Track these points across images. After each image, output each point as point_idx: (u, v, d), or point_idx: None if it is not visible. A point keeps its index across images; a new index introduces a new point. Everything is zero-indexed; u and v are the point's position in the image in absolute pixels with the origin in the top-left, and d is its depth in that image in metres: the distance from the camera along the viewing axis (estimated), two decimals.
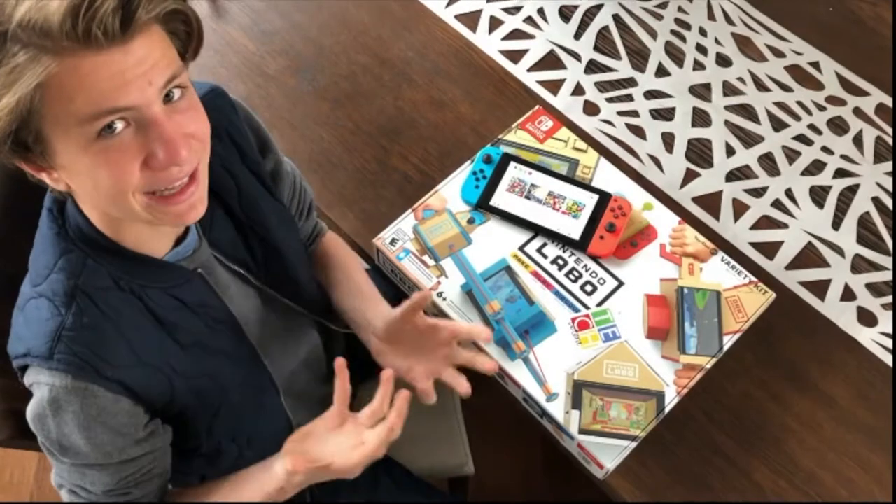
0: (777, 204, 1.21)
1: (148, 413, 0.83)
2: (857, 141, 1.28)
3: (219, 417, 0.90)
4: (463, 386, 0.94)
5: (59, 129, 0.67)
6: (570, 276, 1.08)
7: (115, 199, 0.72)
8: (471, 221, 1.12)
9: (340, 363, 0.88)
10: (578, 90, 1.32)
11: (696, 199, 1.21)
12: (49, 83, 0.64)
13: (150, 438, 0.84)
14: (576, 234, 1.10)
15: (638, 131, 1.28)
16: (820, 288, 1.15)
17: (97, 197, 0.73)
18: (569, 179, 1.14)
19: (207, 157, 0.76)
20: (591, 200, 1.12)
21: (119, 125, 0.67)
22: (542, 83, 1.32)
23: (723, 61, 1.35)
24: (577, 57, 1.35)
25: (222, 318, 0.89)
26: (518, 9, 1.40)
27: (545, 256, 1.09)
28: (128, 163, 0.69)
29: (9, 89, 0.64)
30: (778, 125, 1.29)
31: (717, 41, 1.38)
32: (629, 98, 1.31)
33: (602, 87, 1.32)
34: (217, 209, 0.90)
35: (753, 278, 1.08)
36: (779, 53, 1.36)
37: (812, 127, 1.29)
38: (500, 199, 1.13)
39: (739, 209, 1.21)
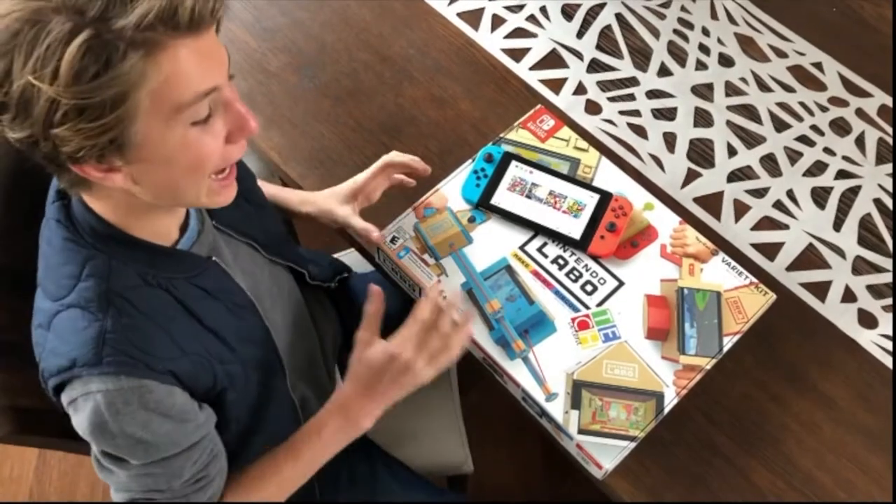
0: (778, 205, 1.21)
1: (196, 400, 0.84)
2: (860, 142, 1.27)
3: (243, 399, 0.91)
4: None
5: (158, 122, 0.68)
6: (571, 276, 1.08)
7: (190, 183, 0.75)
8: (471, 220, 1.12)
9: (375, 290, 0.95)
10: (580, 89, 1.32)
11: (698, 200, 1.21)
12: (158, 80, 0.66)
13: (207, 421, 0.85)
14: (576, 233, 1.10)
15: (639, 131, 1.27)
16: (820, 289, 1.15)
17: (166, 185, 0.74)
18: (570, 179, 1.14)
19: None
20: (591, 200, 1.12)
21: (206, 109, 0.71)
22: (543, 82, 1.32)
23: (725, 61, 1.35)
24: (579, 56, 1.35)
25: (242, 302, 0.91)
26: (520, 7, 1.40)
27: (545, 256, 1.09)
28: (216, 142, 0.73)
29: (128, 94, 0.65)
30: (780, 126, 1.28)
31: (719, 41, 1.37)
32: (631, 97, 1.31)
33: (604, 86, 1.32)
34: None
35: (754, 279, 1.08)
36: (781, 54, 1.36)
37: (814, 128, 1.29)
38: (501, 197, 1.12)
39: (740, 210, 1.20)
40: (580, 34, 1.37)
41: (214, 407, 0.88)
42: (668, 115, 1.29)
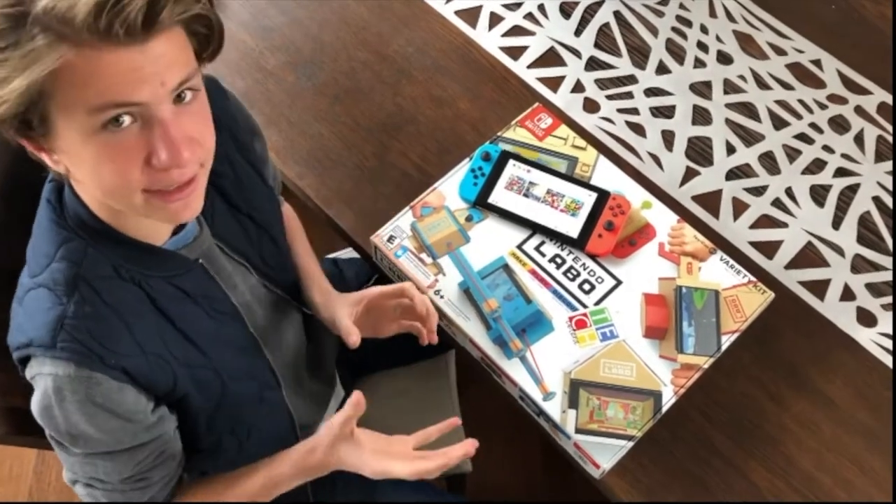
0: (777, 203, 1.21)
1: (152, 401, 0.83)
2: (859, 140, 1.27)
3: (220, 409, 0.90)
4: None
5: (66, 114, 0.67)
6: (568, 275, 1.07)
7: (115, 192, 0.72)
8: (469, 219, 1.12)
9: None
10: (578, 87, 1.31)
11: (696, 198, 1.21)
12: (63, 70, 0.64)
13: (159, 423, 0.84)
14: (574, 232, 1.09)
15: (638, 129, 1.27)
16: (819, 288, 1.14)
17: (96, 186, 0.74)
18: (567, 177, 1.14)
19: (210, 162, 0.76)
20: (589, 199, 1.12)
21: (126, 119, 0.67)
22: (542, 80, 1.32)
23: (724, 59, 1.35)
24: (577, 54, 1.35)
25: (225, 309, 0.90)
26: (518, 5, 1.40)
27: (543, 255, 1.09)
28: (130, 159, 0.69)
29: (22, 72, 0.64)
30: (779, 123, 1.28)
31: (718, 39, 1.37)
32: (629, 95, 1.30)
33: (602, 84, 1.32)
34: (217, 199, 0.90)
35: (752, 278, 1.08)
36: (780, 51, 1.36)
37: (813, 125, 1.28)
38: (499, 196, 1.12)
39: (739, 208, 1.20)
40: (578, 32, 1.37)
41: (179, 412, 0.87)
42: (666, 113, 1.29)
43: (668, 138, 1.26)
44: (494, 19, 1.38)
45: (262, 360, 0.95)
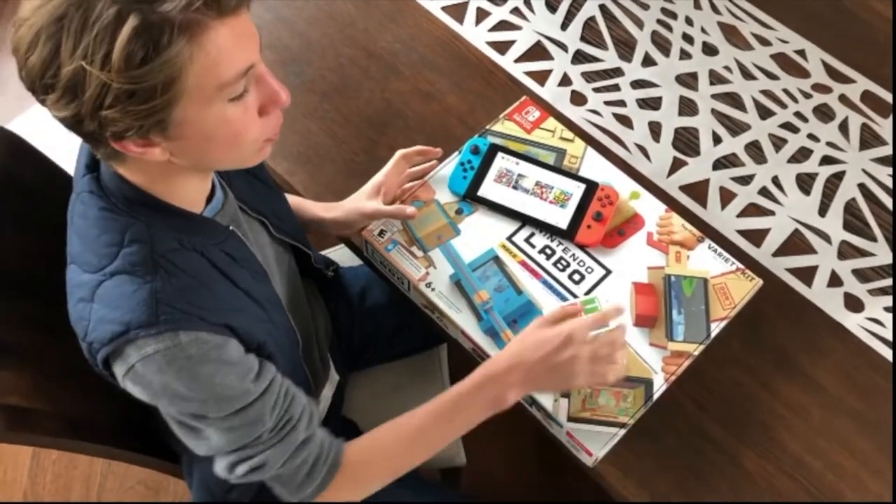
0: (764, 191, 1.22)
1: (251, 353, 0.84)
2: (843, 128, 1.28)
3: (277, 364, 0.90)
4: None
5: (200, 101, 0.70)
6: (558, 266, 1.08)
7: (241, 150, 0.77)
8: (459, 212, 1.12)
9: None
10: (565, 80, 1.32)
11: (683, 188, 1.22)
12: (204, 62, 0.67)
13: (265, 367, 0.84)
14: (563, 223, 1.10)
15: (625, 121, 1.28)
16: (807, 274, 1.15)
17: (204, 157, 0.77)
18: (556, 169, 1.15)
19: None
20: (578, 190, 1.12)
21: (242, 86, 0.72)
22: (529, 74, 1.33)
23: (709, 50, 1.36)
24: (563, 47, 1.36)
25: (258, 269, 0.91)
26: (504, 0, 1.41)
27: (533, 246, 1.10)
28: (253, 117, 0.75)
29: (177, 78, 0.66)
30: (764, 113, 1.29)
31: (703, 30, 1.38)
32: (616, 88, 1.31)
33: (589, 77, 1.33)
34: None
35: (740, 265, 1.09)
36: (765, 42, 1.37)
37: (798, 114, 1.29)
38: (488, 189, 1.13)
39: (726, 197, 1.21)
40: (564, 26, 1.38)
41: None
42: (652, 104, 1.30)
43: (654, 129, 1.27)
44: (481, 14, 1.39)
45: (287, 320, 0.97)
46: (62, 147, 1.12)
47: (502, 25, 1.38)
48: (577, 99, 1.30)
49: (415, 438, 0.94)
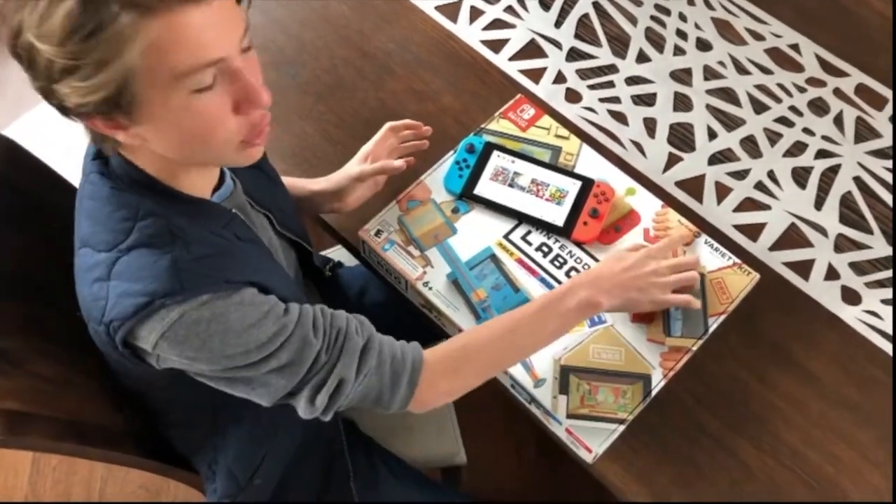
0: (759, 186, 1.22)
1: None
2: (838, 121, 1.28)
3: None
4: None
5: (155, 86, 0.69)
6: (555, 263, 1.08)
7: (210, 147, 0.75)
8: (455, 211, 1.13)
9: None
10: (560, 78, 1.32)
11: (679, 184, 1.22)
12: (153, 43, 0.66)
13: (292, 303, 0.83)
14: (559, 220, 1.10)
15: (620, 117, 1.28)
16: (804, 268, 1.16)
17: (185, 146, 0.75)
18: (551, 167, 1.15)
19: None
20: (574, 187, 1.13)
21: (210, 78, 0.70)
22: (523, 72, 1.33)
23: (703, 46, 1.36)
24: (557, 45, 1.36)
25: (267, 252, 0.92)
26: None
27: (530, 244, 1.10)
28: (222, 114, 0.73)
29: (116, 53, 0.65)
30: (759, 108, 1.29)
31: (696, 26, 1.38)
32: (610, 85, 1.32)
33: (583, 74, 1.33)
34: None
35: (737, 260, 1.09)
36: (758, 36, 1.37)
37: (793, 109, 1.29)
38: (484, 187, 1.13)
39: (722, 192, 1.21)
40: (558, 23, 1.38)
41: None
42: (647, 100, 1.30)
43: (650, 125, 1.27)
44: (475, 13, 1.39)
45: (301, 297, 0.96)
46: (59, 151, 1.13)
47: (496, 24, 1.38)
48: (572, 96, 1.30)
49: (507, 338, 0.93)
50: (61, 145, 0.87)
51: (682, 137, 1.26)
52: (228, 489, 1.03)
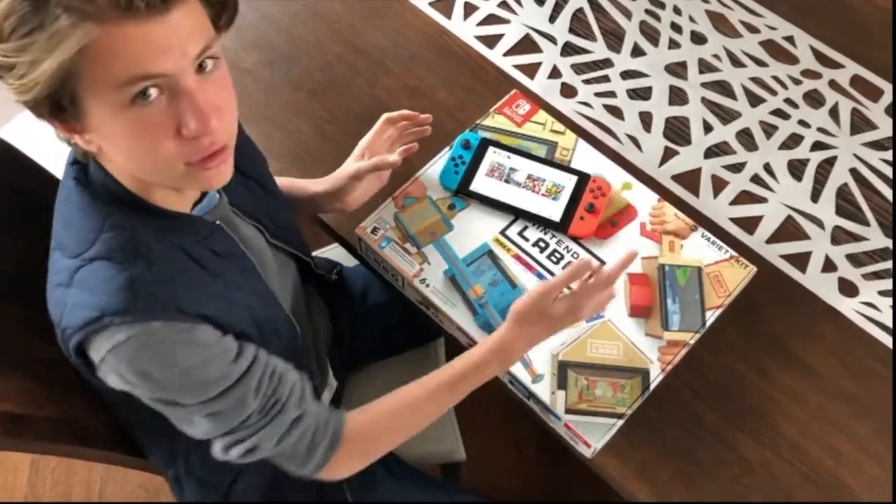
0: (756, 179, 1.22)
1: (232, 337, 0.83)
2: (833, 113, 1.28)
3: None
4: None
5: (94, 92, 0.68)
6: (552, 258, 1.08)
7: (153, 165, 0.73)
8: (451, 207, 1.12)
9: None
10: (555, 73, 1.32)
11: (676, 178, 1.22)
12: (89, 48, 0.65)
13: (246, 348, 0.83)
14: (556, 215, 1.10)
15: (615, 112, 1.28)
16: (801, 260, 1.15)
17: (131, 161, 0.74)
18: (547, 162, 1.15)
19: (236, 130, 0.77)
20: (570, 182, 1.12)
21: (153, 93, 0.68)
22: (518, 67, 1.32)
23: (698, 39, 1.36)
24: (552, 40, 1.35)
25: (247, 265, 0.91)
26: None
27: (526, 239, 1.10)
28: (161, 132, 0.70)
29: (50, 53, 0.64)
30: (754, 100, 1.29)
31: (691, 19, 1.38)
32: (606, 79, 1.31)
33: (578, 69, 1.32)
34: None
35: (734, 253, 1.09)
36: (753, 29, 1.37)
37: (788, 101, 1.29)
38: (480, 184, 1.13)
39: (718, 185, 1.21)
40: (552, 18, 1.38)
41: None
42: (643, 94, 1.30)
43: (645, 120, 1.27)
44: (469, 9, 1.39)
45: (283, 313, 0.96)
46: (51, 153, 1.12)
47: (490, 19, 1.38)
48: (568, 91, 1.30)
49: (419, 409, 0.94)
50: (53, 148, 0.87)
51: (677, 131, 1.26)
52: (203, 497, 1.03)
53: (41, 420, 0.89)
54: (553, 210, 1.10)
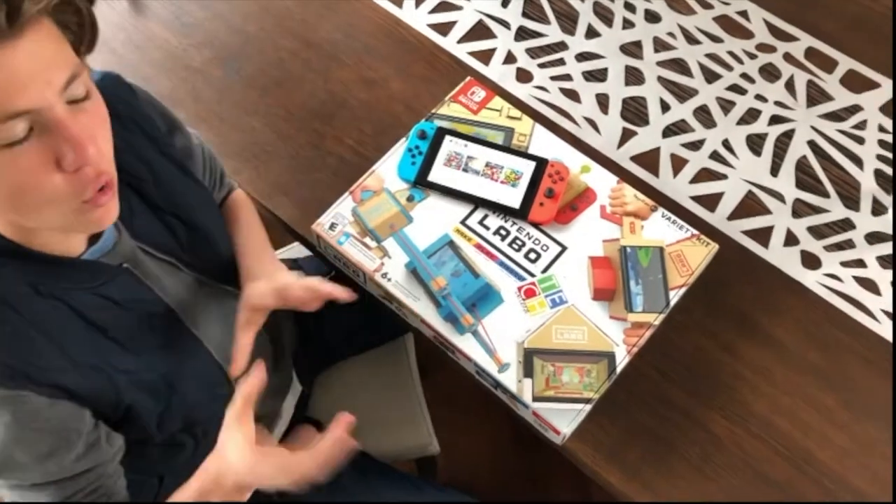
0: (715, 155, 1.22)
1: (94, 417, 0.79)
2: (790, 86, 1.28)
3: (170, 410, 0.86)
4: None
5: None
6: (514, 246, 1.07)
7: (43, 205, 0.68)
8: (410, 199, 1.11)
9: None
10: (510, 58, 1.30)
11: (635, 158, 1.21)
12: None
13: (92, 452, 0.80)
14: (515, 202, 1.09)
15: (572, 95, 1.27)
16: (763, 235, 1.15)
17: (14, 206, 0.69)
18: (505, 148, 1.13)
19: (113, 161, 0.73)
20: (528, 168, 1.11)
21: (22, 131, 0.64)
22: (472, 54, 1.31)
23: (652, 17, 1.35)
24: (506, 25, 1.34)
25: (158, 311, 0.87)
26: None
27: (487, 228, 1.08)
28: (41, 170, 0.66)
29: None
30: (711, 77, 1.29)
31: None
32: (561, 62, 1.30)
33: (533, 53, 1.31)
34: (134, 199, 0.87)
35: (695, 231, 1.09)
36: (707, 5, 1.36)
37: (744, 76, 1.29)
38: (438, 174, 1.11)
39: (678, 164, 1.21)
40: (505, 3, 1.36)
41: (127, 422, 0.83)
42: (599, 76, 1.29)
43: (602, 101, 1.26)
44: None
45: (207, 358, 0.92)
46: None
47: (443, 7, 1.36)
48: (523, 76, 1.29)
49: None
50: None
51: (635, 111, 1.25)
52: None
53: None
54: (512, 197, 1.09)
